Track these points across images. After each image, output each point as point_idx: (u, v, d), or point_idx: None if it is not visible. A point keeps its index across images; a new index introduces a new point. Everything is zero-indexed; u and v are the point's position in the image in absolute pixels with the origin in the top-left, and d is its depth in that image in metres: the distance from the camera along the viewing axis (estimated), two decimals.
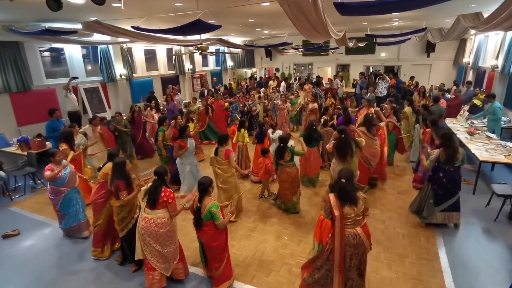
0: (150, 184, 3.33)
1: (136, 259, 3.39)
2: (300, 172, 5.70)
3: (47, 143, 6.83)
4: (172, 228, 3.36)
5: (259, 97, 9.73)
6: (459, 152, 4.20)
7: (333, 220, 2.92)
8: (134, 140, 7.70)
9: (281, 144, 4.79)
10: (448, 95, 9.57)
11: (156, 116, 7.97)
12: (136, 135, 7.66)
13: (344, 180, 2.93)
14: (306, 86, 11.31)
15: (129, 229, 3.69)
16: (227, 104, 9.84)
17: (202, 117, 8.65)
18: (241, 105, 10.03)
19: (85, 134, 6.12)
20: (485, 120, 7.43)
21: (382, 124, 5.86)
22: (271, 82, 14.05)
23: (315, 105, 8.52)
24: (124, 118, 7.38)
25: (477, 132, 6.70)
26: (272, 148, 6.33)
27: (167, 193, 3.24)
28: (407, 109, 7.05)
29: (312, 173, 5.94)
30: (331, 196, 2.94)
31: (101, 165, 4.03)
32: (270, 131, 6.47)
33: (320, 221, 3.45)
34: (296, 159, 6.37)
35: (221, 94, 10.47)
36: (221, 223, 3.17)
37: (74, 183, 4.40)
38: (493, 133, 6.71)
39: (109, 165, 3.82)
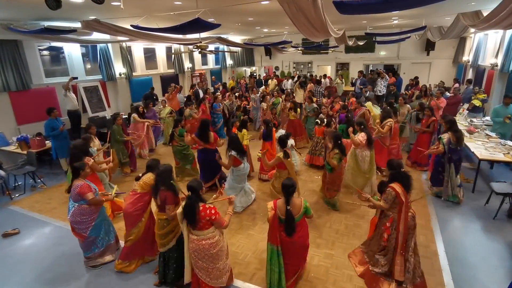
0: (183, 202, 2.98)
1: (185, 283, 3.23)
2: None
3: (46, 142, 6.83)
4: (224, 243, 3.15)
5: (236, 97, 9.82)
6: (463, 134, 5.08)
7: (399, 207, 3.17)
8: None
9: (339, 141, 4.74)
10: (447, 94, 9.58)
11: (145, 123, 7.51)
12: (126, 146, 6.70)
13: (404, 170, 3.24)
14: (309, 85, 11.37)
15: (170, 247, 3.38)
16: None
17: (193, 124, 7.81)
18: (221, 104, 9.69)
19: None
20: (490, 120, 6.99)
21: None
22: (270, 81, 14.07)
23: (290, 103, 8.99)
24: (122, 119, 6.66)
25: (477, 130, 6.71)
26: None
27: (208, 211, 2.89)
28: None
29: None
30: (397, 186, 3.17)
31: (140, 175, 3.67)
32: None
33: (374, 222, 3.74)
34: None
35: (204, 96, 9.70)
36: (312, 213, 3.21)
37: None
38: (503, 137, 6.31)
39: (151, 175, 3.54)
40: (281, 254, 3.16)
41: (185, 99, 9.83)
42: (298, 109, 8.05)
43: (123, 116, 7.31)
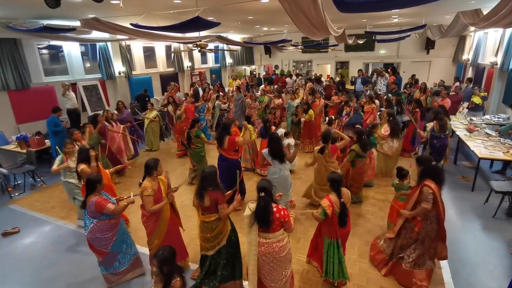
0: (253, 204, 2.86)
1: None
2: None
3: (46, 141, 6.83)
4: (290, 247, 2.99)
5: (217, 97, 9.76)
6: (447, 123, 5.65)
7: (433, 203, 3.13)
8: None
9: (368, 137, 4.85)
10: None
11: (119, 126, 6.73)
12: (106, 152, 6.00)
13: (435, 163, 3.25)
14: (308, 84, 11.37)
15: (221, 247, 3.25)
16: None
17: (181, 126, 7.69)
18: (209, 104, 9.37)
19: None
20: None
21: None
22: (235, 81, 13.79)
23: (280, 100, 9.34)
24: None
25: (476, 129, 6.71)
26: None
27: (282, 212, 2.81)
28: None
29: None
30: (431, 183, 3.13)
31: (141, 181, 3.39)
32: (273, 128, 6.46)
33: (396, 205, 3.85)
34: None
35: (190, 97, 9.19)
36: None
37: None
38: None
39: (147, 179, 3.30)
40: (341, 246, 3.27)
41: (183, 98, 9.75)
42: (311, 110, 7.90)
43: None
